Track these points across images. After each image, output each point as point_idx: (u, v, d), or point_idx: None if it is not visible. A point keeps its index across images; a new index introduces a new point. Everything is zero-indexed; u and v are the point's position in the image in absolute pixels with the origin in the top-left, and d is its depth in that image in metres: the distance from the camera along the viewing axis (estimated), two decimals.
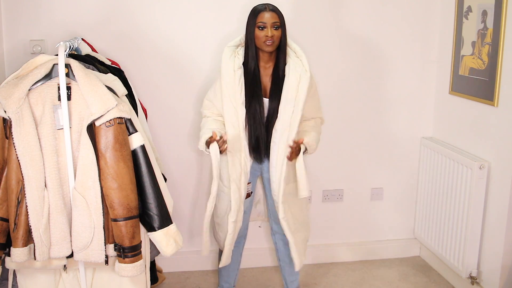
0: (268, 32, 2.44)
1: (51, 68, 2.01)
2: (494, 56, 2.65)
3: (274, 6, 2.50)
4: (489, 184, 2.76)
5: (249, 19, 2.50)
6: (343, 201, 3.39)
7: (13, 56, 2.88)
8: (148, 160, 2.11)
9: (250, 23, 2.49)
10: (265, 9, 2.46)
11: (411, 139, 3.36)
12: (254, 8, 2.50)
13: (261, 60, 2.55)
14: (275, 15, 2.46)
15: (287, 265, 2.84)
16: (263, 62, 2.56)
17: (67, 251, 2.05)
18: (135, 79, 2.96)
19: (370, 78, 3.24)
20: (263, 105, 2.54)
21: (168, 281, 3.15)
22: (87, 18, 2.90)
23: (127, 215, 2.02)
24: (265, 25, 2.44)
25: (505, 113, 2.63)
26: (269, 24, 2.44)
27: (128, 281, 2.20)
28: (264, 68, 2.57)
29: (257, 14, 2.46)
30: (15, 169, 1.96)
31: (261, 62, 2.56)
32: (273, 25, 2.45)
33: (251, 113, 2.52)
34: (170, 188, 2.46)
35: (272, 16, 2.45)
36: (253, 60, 2.53)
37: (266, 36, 2.44)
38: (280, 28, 2.47)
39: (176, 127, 3.11)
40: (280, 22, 2.47)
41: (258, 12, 2.47)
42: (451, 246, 2.99)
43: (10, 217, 2.00)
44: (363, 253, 3.46)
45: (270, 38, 2.44)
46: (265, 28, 2.45)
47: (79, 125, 2.01)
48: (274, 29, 2.45)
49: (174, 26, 2.99)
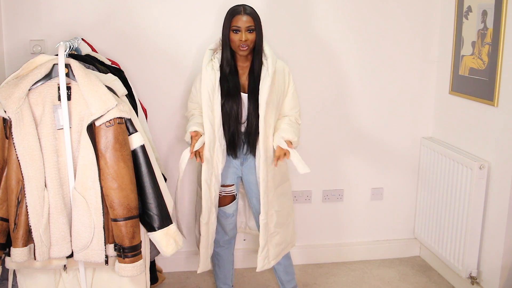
0: (242, 36, 2.42)
1: (51, 68, 2.01)
2: (494, 56, 2.65)
3: (251, 9, 2.47)
4: (489, 184, 2.76)
5: (225, 20, 2.48)
6: (343, 201, 3.39)
7: (13, 56, 2.88)
8: (148, 160, 2.11)
9: (225, 25, 2.47)
10: (241, 12, 2.44)
11: (411, 139, 3.36)
12: (231, 10, 2.47)
13: (238, 60, 2.55)
14: (250, 18, 2.43)
15: (280, 266, 2.83)
16: (240, 62, 2.56)
17: (67, 251, 2.05)
18: (135, 79, 2.96)
19: (370, 78, 3.23)
20: (240, 103, 2.53)
21: (168, 281, 3.15)
22: (87, 18, 2.90)
23: (127, 215, 2.02)
24: (240, 29, 2.43)
25: (505, 113, 2.63)
26: (243, 28, 2.42)
27: (128, 281, 2.20)
28: (242, 67, 2.57)
29: (233, 17, 2.44)
30: (15, 169, 1.96)
31: (238, 62, 2.56)
32: (248, 29, 2.43)
33: (226, 111, 2.51)
34: (170, 188, 2.46)
35: (247, 19, 2.43)
36: (229, 61, 2.52)
37: (240, 40, 2.43)
38: (254, 31, 2.45)
39: (176, 127, 3.11)
40: (255, 26, 2.45)
41: (233, 15, 2.45)
42: (451, 246, 2.99)
43: (10, 217, 2.00)
44: (363, 253, 3.46)
45: (244, 42, 2.43)
46: (240, 31, 2.43)
47: (79, 125, 2.01)
48: (248, 33, 2.43)
49: (174, 26, 2.99)
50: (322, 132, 3.22)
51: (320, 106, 3.19)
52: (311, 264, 3.38)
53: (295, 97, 2.66)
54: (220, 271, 2.88)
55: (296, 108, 2.66)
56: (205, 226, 2.61)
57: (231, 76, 2.52)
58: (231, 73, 2.53)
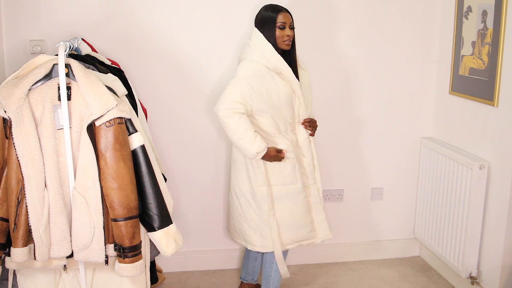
0: (288, 32, 2.55)
1: (51, 68, 2.01)
2: (494, 56, 2.65)
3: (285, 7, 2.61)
4: (489, 184, 2.76)
5: (266, 17, 2.56)
6: (343, 201, 3.39)
7: (13, 56, 2.88)
8: (148, 160, 2.11)
9: (269, 22, 2.55)
10: (282, 11, 2.56)
11: (411, 139, 3.36)
12: (272, 7, 2.57)
13: None
14: (290, 16, 2.58)
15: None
16: None
17: (67, 251, 2.05)
18: (135, 79, 2.96)
19: (370, 78, 3.24)
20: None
21: (168, 281, 3.15)
22: (87, 18, 2.90)
23: (127, 215, 2.02)
24: (285, 25, 2.55)
25: (505, 113, 2.63)
26: (288, 24, 2.55)
27: (128, 281, 2.20)
28: None
29: (277, 14, 2.54)
30: (15, 169, 1.96)
31: None
32: (291, 25, 2.58)
33: None
34: (170, 188, 2.46)
35: (288, 17, 2.58)
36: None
37: (288, 35, 2.54)
38: (293, 28, 2.59)
39: (176, 127, 3.11)
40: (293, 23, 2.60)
41: (277, 11, 2.55)
42: (451, 246, 2.99)
43: (10, 217, 2.00)
44: (363, 253, 3.46)
45: (289, 37, 2.55)
46: (285, 28, 2.55)
47: (79, 125, 2.01)
48: (290, 29, 2.57)
49: (174, 26, 2.99)
50: (322, 132, 3.21)
51: (320, 106, 3.18)
52: (311, 264, 3.39)
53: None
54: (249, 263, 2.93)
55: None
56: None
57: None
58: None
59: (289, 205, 2.66)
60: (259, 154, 2.52)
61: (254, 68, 2.54)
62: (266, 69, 2.55)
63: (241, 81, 2.51)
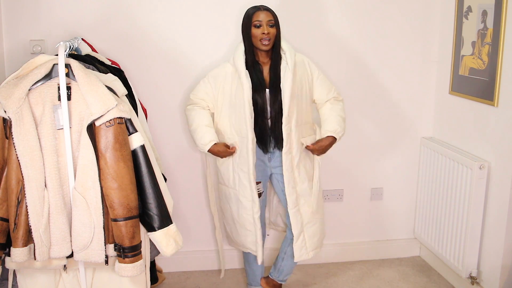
0: (264, 30, 2.53)
1: (51, 68, 2.01)
2: (494, 56, 2.65)
3: (267, 6, 2.60)
4: (489, 184, 2.76)
5: (245, 19, 2.60)
6: (343, 201, 3.39)
7: (13, 56, 2.88)
8: (148, 160, 2.11)
9: (246, 23, 2.59)
10: (259, 9, 2.57)
11: (411, 139, 3.36)
12: (248, 10, 2.60)
13: (260, 56, 2.65)
14: (270, 13, 2.57)
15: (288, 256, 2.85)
16: (261, 58, 2.65)
17: (67, 251, 2.05)
18: (135, 79, 2.96)
19: (370, 78, 3.24)
20: (265, 98, 2.61)
21: (168, 281, 3.15)
22: (87, 18, 2.90)
23: (127, 215, 2.02)
24: (261, 23, 2.54)
25: (505, 113, 2.63)
26: (264, 22, 2.54)
27: (128, 281, 2.20)
28: (262, 63, 2.66)
29: (252, 14, 2.56)
30: (15, 169, 1.96)
31: (260, 58, 2.65)
32: (268, 23, 2.55)
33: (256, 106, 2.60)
34: (170, 188, 2.46)
35: (267, 14, 2.56)
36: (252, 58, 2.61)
37: (263, 33, 2.53)
38: (275, 26, 2.57)
39: (176, 127, 3.11)
40: (274, 20, 2.57)
41: (253, 12, 2.57)
42: (451, 246, 2.99)
43: (10, 217, 2.00)
44: (363, 253, 3.46)
45: (266, 35, 2.53)
46: (261, 26, 2.54)
47: (79, 125, 2.01)
48: (269, 27, 2.55)
49: (174, 26, 2.99)
50: None
51: None
52: (311, 264, 3.38)
53: (325, 81, 2.76)
54: (250, 269, 2.93)
55: (331, 90, 2.77)
56: None
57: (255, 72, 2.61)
58: (255, 69, 2.61)
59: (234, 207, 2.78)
60: (205, 146, 2.63)
61: (221, 68, 2.68)
62: (233, 70, 2.63)
63: (205, 79, 2.72)
